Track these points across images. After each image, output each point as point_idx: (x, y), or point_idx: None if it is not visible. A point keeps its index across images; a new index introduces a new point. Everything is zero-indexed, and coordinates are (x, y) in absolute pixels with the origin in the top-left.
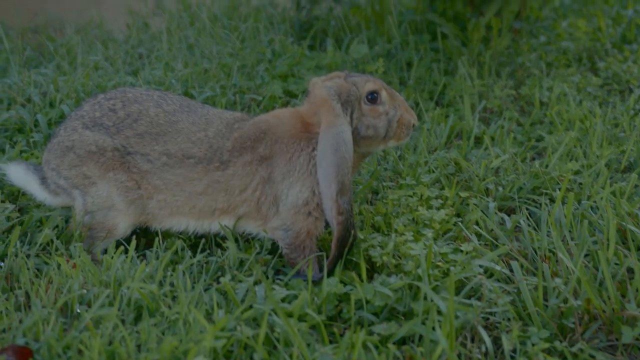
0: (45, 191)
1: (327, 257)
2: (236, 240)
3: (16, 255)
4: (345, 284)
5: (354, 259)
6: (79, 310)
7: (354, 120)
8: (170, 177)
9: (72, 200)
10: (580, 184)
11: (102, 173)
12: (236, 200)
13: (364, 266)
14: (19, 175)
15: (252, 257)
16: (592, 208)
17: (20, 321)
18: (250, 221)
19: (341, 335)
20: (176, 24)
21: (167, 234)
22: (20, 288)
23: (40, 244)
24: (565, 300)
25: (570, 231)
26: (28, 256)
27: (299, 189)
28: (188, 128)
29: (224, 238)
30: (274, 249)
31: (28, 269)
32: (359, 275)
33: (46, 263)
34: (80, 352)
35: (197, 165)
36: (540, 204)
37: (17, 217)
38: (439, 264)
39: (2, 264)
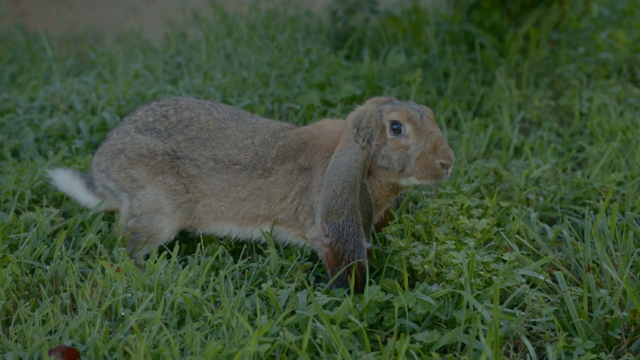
0: (90, 194)
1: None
2: (276, 247)
3: (61, 259)
4: (386, 292)
5: (395, 267)
6: (123, 314)
7: (373, 147)
8: (216, 182)
9: (118, 203)
10: (624, 195)
11: (151, 176)
12: (276, 208)
13: (406, 274)
14: (65, 180)
15: (293, 263)
16: (636, 219)
17: (67, 323)
18: (289, 229)
19: (383, 343)
20: (214, 34)
21: (207, 240)
22: (65, 291)
23: (84, 248)
24: (611, 312)
25: (614, 242)
26: (73, 260)
27: None
28: (236, 135)
29: (264, 245)
30: (314, 256)
31: (73, 272)
32: (401, 284)
33: (90, 267)
34: (125, 354)
35: (242, 171)
36: (583, 215)
37: (62, 222)
38: (481, 273)
39: (48, 267)
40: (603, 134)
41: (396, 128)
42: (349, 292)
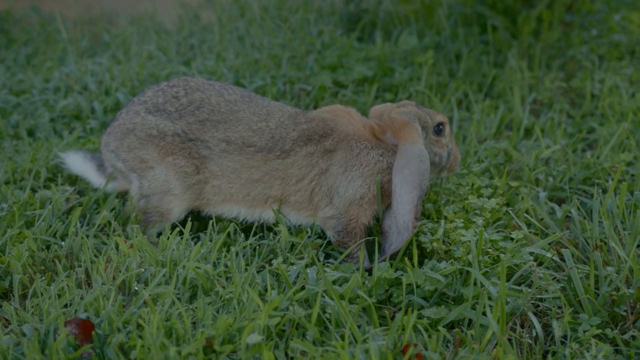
0: (102, 176)
1: (380, 246)
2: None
3: (76, 235)
4: (395, 269)
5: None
6: (137, 288)
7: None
8: (228, 164)
9: (128, 183)
10: (633, 175)
11: (161, 157)
12: (291, 189)
13: (415, 251)
14: (77, 163)
15: (303, 240)
16: None
17: (82, 297)
18: (300, 211)
19: (391, 318)
20: (227, 16)
21: (219, 218)
22: (80, 266)
23: (99, 225)
24: (617, 289)
25: (622, 221)
26: (87, 236)
27: (360, 183)
28: (249, 118)
29: (275, 223)
30: (324, 233)
31: (88, 248)
32: (410, 260)
33: (104, 243)
34: (139, 326)
35: (256, 153)
36: (591, 195)
37: (77, 199)
38: (489, 250)
39: (63, 243)
40: (614, 115)
41: (439, 130)
42: (370, 269)
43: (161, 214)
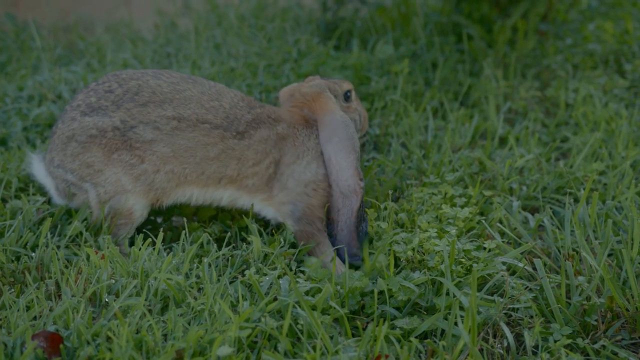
0: (60, 197)
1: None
2: (260, 235)
3: (47, 246)
4: (369, 279)
5: (374, 253)
6: (107, 300)
7: None
8: (181, 142)
9: (85, 194)
10: (605, 184)
11: (107, 156)
12: (247, 171)
13: (392, 259)
14: (41, 174)
15: (276, 250)
16: (616, 208)
17: (51, 309)
18: (255, 194)
19: (364, 329)
20: (204, 24)
21: (192, 228)
22: (50, 278)
23: (70, 236)
24: (588, 298)
25: (594, 231)
26: (58, 247)
27: (315, 167)
28: (198, 97)
29: (248, 232)
30: (296, 243)
31: (58, 259)
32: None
33: (75, 254)
34: (108, 339)
35: (213, 130)
36: (564, 204)
37: (48, 210)
38: (462, 260)
39: (33, 254)
40: (587, 125)
41: (347, 96)
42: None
43: (124, 215)
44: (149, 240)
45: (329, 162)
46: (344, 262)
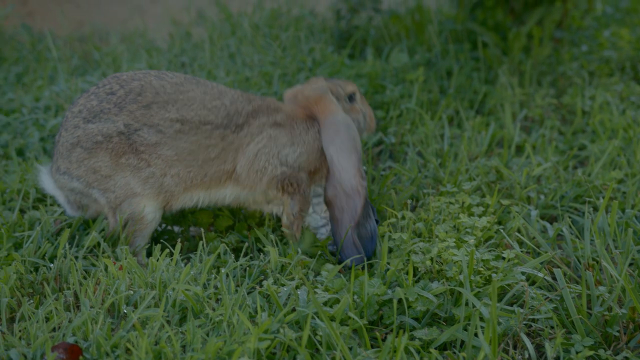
0: (72, 209)
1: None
2: (276, 244)
3: (65, 257)
4: (388, 288)
5: (393, 265)
6: (126, 311)
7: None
8: (184, 145)
9: (94, 203)
10: (624, 192)
11: (114, 160)
12: (241, 157)
13: (411, 269)
14: (49, 187)
15: (293, 261)
16: (636, 217)
17: (70, 320)
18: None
19: (383, 340)
20: (218, 33)
21: (209, 238)
22: (69, 289)
23: (88, 247)
24: (610, 309)
25: (614, 240)
26: (76, 258)
27: (306, 158)
28: (201, 97)
29: (264, 244)
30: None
31: (77, 270)
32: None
33: (93, 265)
34: (127, 350)
35: (214, 131)
36: (583, 213)
37: (65, 220)
38: (481, 270)
39: (52, 265)
40: (605, 132)
41: (351, 98)
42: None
43: (137, 220)
44: (167, 250)
45: (332, 163)
46: (344, 261)
